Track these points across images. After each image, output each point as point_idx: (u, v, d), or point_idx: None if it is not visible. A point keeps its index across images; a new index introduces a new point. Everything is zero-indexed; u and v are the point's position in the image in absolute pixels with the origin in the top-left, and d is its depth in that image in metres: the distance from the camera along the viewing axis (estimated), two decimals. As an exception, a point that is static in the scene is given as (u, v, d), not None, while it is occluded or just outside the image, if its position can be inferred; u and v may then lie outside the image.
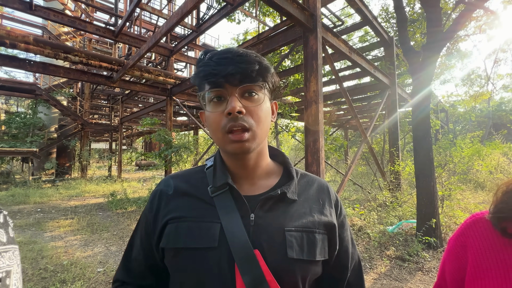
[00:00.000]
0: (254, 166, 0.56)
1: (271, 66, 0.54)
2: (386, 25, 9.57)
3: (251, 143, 0.49)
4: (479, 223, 0.50)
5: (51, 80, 12.24)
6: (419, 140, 3.58)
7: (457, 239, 0.52)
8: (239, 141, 0.48)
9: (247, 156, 0.53)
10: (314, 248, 0.50)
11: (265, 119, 0.52)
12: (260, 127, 0.50)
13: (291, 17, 2.94)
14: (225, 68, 0.47)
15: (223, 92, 0.49)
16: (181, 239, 0.49)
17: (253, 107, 0.50)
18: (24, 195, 7.29)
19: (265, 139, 0.55)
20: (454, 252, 0.52)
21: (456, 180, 4.93)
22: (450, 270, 0.52)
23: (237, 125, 0.48)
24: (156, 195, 0.57)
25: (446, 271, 0.54)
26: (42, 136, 11.65)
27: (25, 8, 4.35)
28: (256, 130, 0.49)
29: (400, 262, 2.95)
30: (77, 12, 10.42)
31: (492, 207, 0.51)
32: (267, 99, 0.54)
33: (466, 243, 0.50)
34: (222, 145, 0.51)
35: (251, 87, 0.49)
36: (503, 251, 0.44)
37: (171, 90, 6.95)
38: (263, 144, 0.56)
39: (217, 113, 0.49)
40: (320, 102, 3.06)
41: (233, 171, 0.56)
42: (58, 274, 2.75)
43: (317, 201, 0.57)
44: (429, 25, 3.51)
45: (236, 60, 0.48)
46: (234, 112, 0.47)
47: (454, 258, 0.52)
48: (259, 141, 0.51)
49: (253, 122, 0.49)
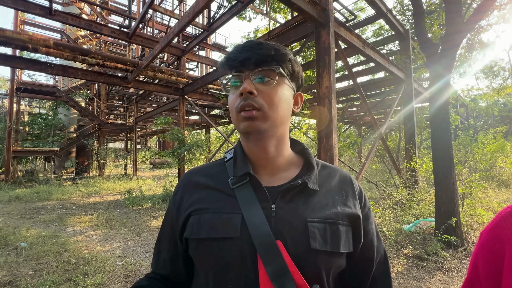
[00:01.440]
0: (275, 154, 0.56)
1: (290, 53, 0.55)
2: (401, 17, 9.24)
3: (261, 122, 0.51)
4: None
5: (70, 82, 12.77)
6: (437, 136, 3.44)
7: (491, 232, 0.50)
8: (249, 118, 0.50)
9: (264, 142, 0.54)
10: (338, 239, 0.49)
11: (278, 102, 0.52)
12: (272, 110, 0.51)
13: (302, 12, 2.90)
14: (243, 55, 0.52)
15: (240, 76, 0.53)
16: (204, 229, 0.50)
17: (265, 89, 0.52)
18: (47, 192, 7.67)
19: (283, 125, 0.56)
20: (488, 245, 0.49)
21: (478, 177, 4.70)
22: (484, 264, 0.50)
23: (247, 104, 0.50)
24: (179, 190, 0.59)
25: (479, 265, 0.51)
26: (63, 136, 12.19)
27: (45, 14, 4.54)
28: (267, 111, 0.51)
29: (418, 261, 2.87)
30: (93, 16, 10.78)
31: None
32: (284, 85, 0.54)
33: (501, 236, 0.47)
34: (237, 125, 0.54)
35: (265, 71, 0.52)
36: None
37: (183, 89, 7.06)
38: (282, 131, 0.56)
39: (234, 95, 0.53)
40: (333, 98, 3.01)
41: (254, 161, 0.57)
42: (80, 267, 2.89)
43: (340, 192, 0.56)
44: (447, 16, 3.36)
45: (255, 48, 0.52)
46: (245, 92, 0.50)
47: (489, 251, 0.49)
48: (271, 123, 0.52)
49: (263, 103, 0.51)
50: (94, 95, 14.32)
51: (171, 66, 10.10)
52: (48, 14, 4.57)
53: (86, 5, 10.37)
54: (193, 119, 14.10)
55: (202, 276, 0.51)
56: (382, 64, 4.81)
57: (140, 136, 19.21)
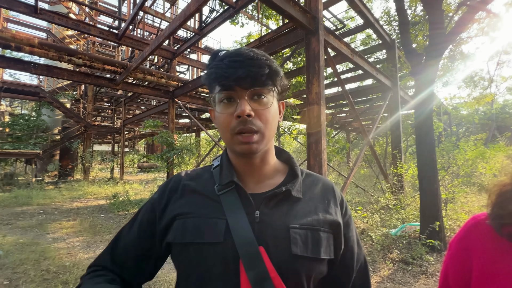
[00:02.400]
0: (260, 165, 0.57)
1: (280, 69, 0.55)
2: (388, 27, 9.58)
3: (259, 144, 0.51)
4: (481, 225, 0.49)
5: (55, 83, 12.37)
6: (422, 142, 3.56)
7: (459, 243, 0.51)
8: (248, 143, 0.50)
9: (254, 155, 0.55)
10: (318, 245, 0.50)
11: (273, 120, 0.53)
12: (268, 129, 0.52)
13: (293, 20, 2.95)
14: (235, 71, 0.48)
15: (233, 94, 0.50)
16: (188, 234, 0.49)
17: (261, 110, 0.51)
18: (27, 197, 7.33)
19: (272, 139, 0.57)
20: (457, 256, 0.51)
21: (460, 182, 4.88)
22: (454, 274, 0.51)
23: (246, 128, 0.49)
24: (167, 189, 0.58)
25: (449, 275, 0.52)
26: (46, 138, 11.74)
27: (30, 12, 4.41)
28: (264, 132, 0.51)
29: (404, 265, 2.92)
30: (81, 15, 10.56)
31: (489, 210, 0.49)
32: (275, 101, 0.55)
33: (469, 246, 0.49)
34: (231, 145, 0.53)
35: (261, 90, 0.51)
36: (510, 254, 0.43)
37: (174, 92, 6.98)
38: (269, 145, 0.57)
39: (226, 115, 0.51)
40: (322, 104, 3.06)
41: (240, 170, 0.57)
42: (61, 276, 2.76)
43: (322, 200, 0.57)
44: (431, 27, 3.51)
45: (247, 63, 0.49)
46: (243, 115, 0.48)
47: (457, 262, 0.50)
48: (266, 142, 0.53)
49: (261, 125, 0.50)
50: (80, 96, 13.93)
51: (161, 68, 10.00)
52: (33, 12, 4.44)
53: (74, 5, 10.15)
54: (183, 123, 13.95)
55: (183, 281, 0.51)
56: (369, 72, 4.95)
57: (128, 139, 18.78)
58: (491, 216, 0.48)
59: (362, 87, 8.36)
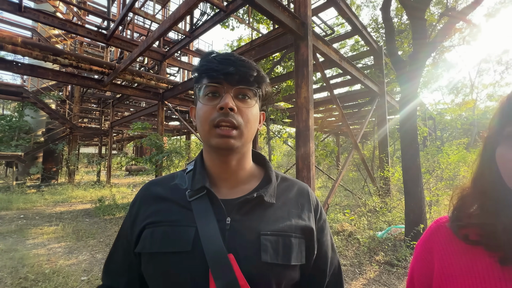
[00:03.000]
0: (235, 168, 0.56)
1: (267, 77, 0.56)
2: (375, 34, 9.86)
3: (236, 140, 0.51)
4: (443, 228, 0.50)
5: (40, 83, 11.98)
6: (407, 147, 3.66)
7: (423, 245, 0.52)
8: (226, 136, 0.49)
9: (229, 156, 0.54)
10: (289, 252, 0.50)
11: (253, 122, 0.54)
12: (247, 128, 0.52)
13: (282, 25, 2.99)
14: (226, 67, 0.50)
15: (219, 89, 0.51)
16: (156, 243, 0.48)
17: (244, 108, 0.52)
18: (6, 201, 7.00)
19: (250, 143, 0.57)
20: (420, 258, 0.52)
21: (443, 185, 5.04)
22: (418, 276, 0.52)
23: (226, 120, 0.49)
24: (136, 202, 0.57)
25: (414, 277, 0.54)
26: (28, 140, 11.31)
27: (14, 10, 4.28)
28: (243, 129, 0.51)
29: (389, 267, 2.97)
30: (68, 15, 10.32)
31: (450, 213, 0.51)
32: (257, 106, 0.56)
33: (431, 249, 0.50)
34: (207, 138, 0.52)
35: (246, 90, 0.52)
36: (467, 256, 0.45)
37: (163, 94, 6.90)
38: (246, 148, 0.57)
39: (209, 106, 0.51)
40: (310, 109, 3.10)
41: (214, 174, 0.56)
42: (39, 284, 2.64)
43: (296, 205, 0.57)
44: (414, 36, 3.64)
45: (238, 63, 0.51)
46: (226, 107, 0.49)
47: (421, 264, 0.51)
48: (244, 142, 0.53)
49: (242, 121, 0.51)
50: (66, 97, 13.54)
51: (151, 70, 9.88)
52: (17, 10, 4.31)
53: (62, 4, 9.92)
54: (173, 125, 13.78)
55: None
56: (357, 77, 5.07)
57: (116, 141, 18.35)
58: (451, 219, 0.50)
59: (350, 92, 8.55)
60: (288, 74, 5.98)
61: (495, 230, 0.42)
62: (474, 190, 0.47)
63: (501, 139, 0.42)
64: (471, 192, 0.48)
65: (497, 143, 0.42)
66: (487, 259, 0.42)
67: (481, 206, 0.46)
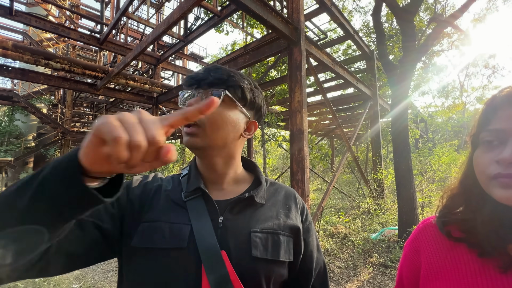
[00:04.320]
0: (224, 172, 0.59)
1: (246, 83, 0.57)
2: (367, 39, 10.06)
3: (199, 139, 0.53)
4: (429, 228, 0.53)
5: (31, 87, 11.80)
6: (398, 149, 3.73)
7: (411, 244, 0.55)
8: (187, 134, 0.53)
9: (210, 159, 0.57)
10: (278, 248, 0.52)
11: (221, 124, 0.54)
12: (212, 129, 0.53)
13: (275, 30, 3.04)
14: (199, 74, 0.56)
15: (191, 93, 0.56)
16: (152, 239, 0.49)
17: None
18: (-5, 208, 6.82)
19: (228, 147, 0.57)
20: (408, 257, 0.54)
21: (435, 187, 5.13)
22: (407, 275, 0.54)
23: None
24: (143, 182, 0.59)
25: (403, 276, 0.56)
26: (19, 145, 11.08)
27: (5, 13, 4.23)
28: (207, 129, 0.53)
29: (383, 269, 3.00)
30: (61, 18, 10.23)
31: (437, 212, 0.53)
32: (234, 110, 0.56)
33: (419, 248, 0.52)
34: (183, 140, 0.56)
35: (213, 91, 0.54)
36: (450, 253, 0.47)
37: (157, 98, 6.87)
38: (230, 151, 0.58)
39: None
40: (304, 112, 3.14)
41: (206, 177, 0.59)
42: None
43: (284, 206, 0.60)
44: (404, 40, 3.74)
45: (213, 71, 0.56)
46: (189, 105, 0.53)
47: (409, 263, 0.54)
48: (210, 142, 0.54)
49: (205, 121, 0.52)
50: (58, 101, 13.35)
51: (145, 74, 9.84)
52: (8, 14, 4.26)
53: (54, 7, 9.84)
54: (168, 129, 13.69)
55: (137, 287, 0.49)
56: (350, 81, 5.15)
57: (109, 146, 18.10)
58: (438, 216, 0.52)
59: (344, 96, 8.66)
60: (282, 78, 6.03)
61: (475, 225, 0.45)
62: (461, 190, 0.50)
63: (478, 143, 0.45)
64: (458, 192, 0.50)
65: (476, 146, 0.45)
66: (469, 254, 0.45)
67: (466, 205, 0.49)
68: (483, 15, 11.02)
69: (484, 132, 0.43)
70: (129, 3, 4.27)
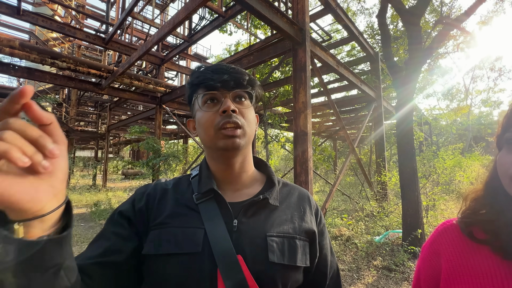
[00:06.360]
0: (239, 172, 0.58)
1: (257, 80, 0.61)
2: (371, 41, 10.01)
3: (241, 139, 0.53)
4: (449, 230, 0.52)
5: (36, 86, 11.92)
6: (403, 152, 3.70)
7: (430, 247, 0.54)
8: (232, 137, 0.52)
9: (234, 159, 0.56)
10: (295, 253, 0.51)
11: (253, 122, 0.57)
12: (249, 127, 0.55)
13: (281, 31, 3.03)
14: (221, 76, 0.54)
15: (217, 95, 0.54)
16: (165, 245, 0.48)
17: (243, 109, 0.55)
18: None
19: (250, 144, 0.59)
20: (427, 259, 0.53)
21: (440, 190, 5.08)
22: (425, 278, 0.53)
23: (231, 121, 0.52)
24: (145, 193, 0.56)
25: (421, 279, 0.55)
26: (23, 143, 11.19)
27: (13, 13, 4.29)
28: (246, 129, 0.54)
29: (387, 272, 2.97)
30: (67, 18, 10.33)
31: (460, 213, 0.53)
32: (253, 108, 0.59)
33: (439, 250, 0.51)
34: (214, 142, 0.53)
35: (242, 92, 0.56)
36: (473, 256, 0.46)
37: (161, 98, 6.90)
38: (248, 149, 0.59)
39: (211, 112, 0.54)
40: (308, 113, 3.13)
41: (219, 178, 0.58)
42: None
43: (298, 209, 0.59)
44: (410, 42, 3.71)
45: (230, 71, 0.56)
46: (228, 110, 0.52)
47: (428, 266, 0.53)
48: (247, 140, 0.55)
49: (244, 121, 0.54)
50: (63, 100, 13.47)
51: (149, 74, 9.89)
52: (16, 13, 4.32)
53: (60, 7, 9.94)
54: (170, 129, 13.75)
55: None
56: (354, 82, 5.12)
57: (112, 145, 18.23)
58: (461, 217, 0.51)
59: (348, 97, 8.64)
60: (286, 79, 6.02)
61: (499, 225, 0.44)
62: (486, 191, 0.50)
63: (503, 144, 0.44)
64: (483, 194, 0.50)
65: (500, 147, 0.45)
66: (494, 257, 0.44)
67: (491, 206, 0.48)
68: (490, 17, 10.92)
69: (508, 133, 0.43)
70: (135, 3, 4.29)
